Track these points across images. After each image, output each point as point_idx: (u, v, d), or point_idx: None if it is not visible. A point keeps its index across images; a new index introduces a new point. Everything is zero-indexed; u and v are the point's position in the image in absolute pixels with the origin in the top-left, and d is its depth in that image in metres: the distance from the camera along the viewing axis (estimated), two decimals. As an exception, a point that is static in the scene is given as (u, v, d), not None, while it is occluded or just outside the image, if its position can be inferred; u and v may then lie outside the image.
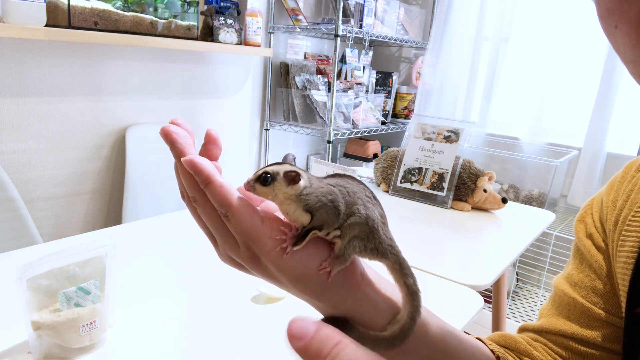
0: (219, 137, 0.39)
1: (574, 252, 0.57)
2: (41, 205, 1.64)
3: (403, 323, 0.39)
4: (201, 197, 0.35)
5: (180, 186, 0.38)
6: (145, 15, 1.69)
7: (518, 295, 2.35)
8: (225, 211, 0.34)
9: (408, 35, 2.69)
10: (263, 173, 0.35)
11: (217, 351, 0.66)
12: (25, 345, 0.62)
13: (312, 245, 0.37)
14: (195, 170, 0.34)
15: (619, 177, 0.53)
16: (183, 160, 0.34)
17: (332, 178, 0.39)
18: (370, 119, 2.53)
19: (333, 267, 0.37)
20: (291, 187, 0.36)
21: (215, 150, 0.39)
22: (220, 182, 0.34)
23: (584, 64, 2.20)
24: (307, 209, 0.36)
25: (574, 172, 2.26)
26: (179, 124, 0.37)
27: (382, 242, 0.39)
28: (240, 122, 2.35)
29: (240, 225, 0.34)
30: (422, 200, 1.44)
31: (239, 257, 0.37)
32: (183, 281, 0.85)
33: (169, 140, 0.35)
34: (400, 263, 0.40)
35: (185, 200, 0.38)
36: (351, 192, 0.38)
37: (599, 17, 0.28)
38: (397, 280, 0.40)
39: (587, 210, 0.56)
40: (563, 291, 0.54)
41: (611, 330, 0.50)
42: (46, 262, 0.59)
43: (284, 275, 0.36)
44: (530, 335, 0.56)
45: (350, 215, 0.37)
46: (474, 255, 1.11)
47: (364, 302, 0.39)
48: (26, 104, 1.53)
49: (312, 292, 0.37)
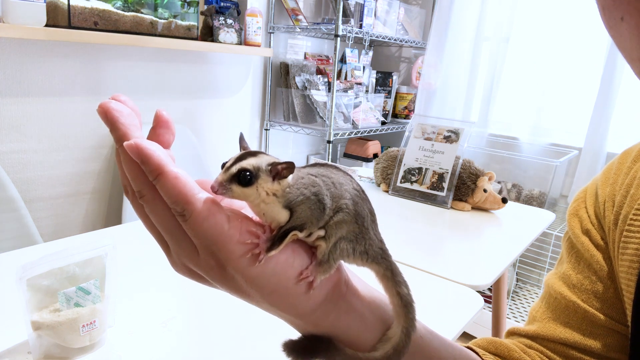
0: (171, 119, 0.32)
1: (568, 248, 0.52)
2: (41, 205, 1.64)
3: (397, 340, 0.34)
4: (150, 192, 0.28)
5: (123, 178, 0.30)
6: (145, 15, 1.69)
7: (518, 295, 2.35)
8: (181, 209, 0.27)
9: (408, 35, 2.68)
10: (241, 170, 0.28)
11: (217, 351, 0.66)
12: (25, 345, 0.61)
13: (289, 250, 0.30)
14: (143, 157, 0.27)
15: (614, 167, 0.49)
16: (126, 146, 0.27)
17: (312, 167, 0.33)
18: (370, 119, 2.53)
19: (315, 276, 0.31)
20: (278, 182, 0.29)
21: (167, 135, 0.31)
22: (175, 172, 0.27)
23: (584, 64, 2.20)
24: (287, 204, 0.29)
25: (574, 172, 2.26)
26: (122, 100, 0.30)
27: (373, 244, 0.33)
28: (240, 122, 2.35)
29: (201, 227, 0.27)
30: (422, 200, 1.44)
31: (197, 266, 0.30)
32: (183, 281, 0.85)
33: (109, 120, 0.28)
34: (392, 270, 0.34)
35: (128, 195, 0.31)
36: (337, 183, 0.32)
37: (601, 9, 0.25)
38: (388, 290, 0.35)
39: (580, 204, 0.52)
40: (560, 293, 0.49)
41: (615, 338, 0.45)
42: (46, 262, 0.59)
43: (254, 288, 0.30)
44: (523, 341, 0.51)
45: (337, 212, 0.31)
46: (474, 255, 1.11)
47: (349, 315, 0.34)
48: (26, 104, 1.53)
49: (289, 308, 0.32)
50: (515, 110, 2.43)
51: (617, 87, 2.08)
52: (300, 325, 0.34)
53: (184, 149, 1.94)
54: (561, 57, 2.24)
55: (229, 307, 0.77)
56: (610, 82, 2.09)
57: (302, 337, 0.34)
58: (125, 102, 0.30)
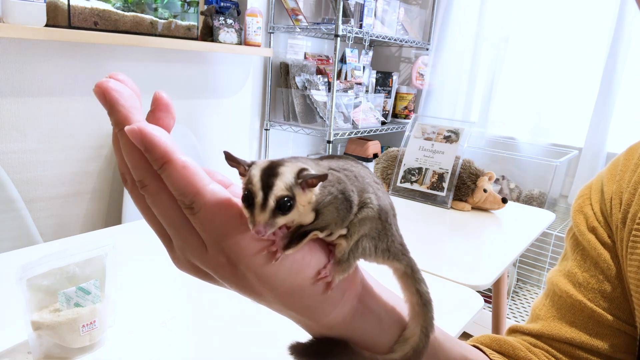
0: (170, 101, 0.28)
1: (573, 245, 0.50)
2: (41, 205, 1.64)
3: (416, 341, 0.32)
4: (153, 182, 0.26)
5: (122, 166, 0.27)
6: (145, 15, 1.69)
7: (518, 295, 2.35)
8: (189, 201, 0.25)
9: (408, 35, 2.68)
10: (279, 200, 0.24)
11: (217, 351, 0.66)
12: (25, 345, 0.61)
13: (306, 248, 0.28)
14: (147, 144, 0.24)
15: (621, 164, 0.48)
16: (128, 130, 0.24)
17: (330, 160, 0.30)
18: (370, 119, 2.53)
19: (334, 276, 0.28)
20: (309, 191, 0.26)
21: (167, 119, 0.28)
22: (183, 161, 0.25)
23: (585, 64, 2.20)
24: (315, 207, 0.26)
25: (574, 172, 2.26)
26: (121, 79, 0.27)
27: (395, 240, 0.31)
28: (240, 122, 2.35)
29: (212, 221, 0.25)
30: (422, 200, 1.44)
31: (204, 263, 0.27)
32: (183, 281, 0.85)
33: (107, 102, 0.26)
34: (412, 267, 0.33)
35: (127, 185, 0.28)
36: (359, 176, 0.29)
37: None
38: (407, 287, 0.33)
39: (585, 200, 0.50)
40: (566, 292, 0.48)
41: (622, 339, 0.44)
42: (46, 262, 0.59)
43: (268, 288, 0.27)
44: (527, 339, 0.49)
45: (361, 208, 0.28)
46: (474, 255, 1.11)
47: (366, 317, 0.32)
48: (26, 104, 1.53)
49: (304, 309, 0.29)
50: (515, 110, 2.43)
51: (617, 87, 2.08)
52: (313, 328, 0.31)
53: (184, 149, 1.91)
54: (561, 56, 2.24)
55: (229, 307, 0.77)
56: (610, 82, 2.09)
57: (314, 340, 0.32)
58: (124, 81, 0.27)
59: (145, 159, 0.25)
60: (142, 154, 0.25)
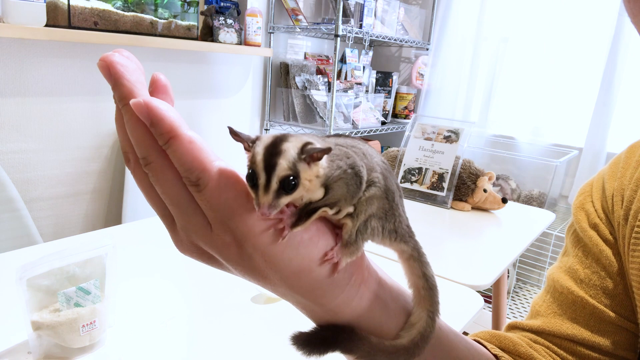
0: (169, 83, 0.28)
1: (574, 241, 0.50)
2: (41, 205, 1.64)
3: (423, 325, 0.32)
4: (158, 158, 0.25)
5: (125, 144, 0.27)
6: (145, 15, 1.69)
7: (518, 295, 2.35)
8: (195, 178, 0.24)
9: (408, 35, 2.68)
10: (282, 180, 0.24)
11: (217, 351, 0.66)
12: (25, 345, 0.61)
13: (314, 228, 0.27)
14: (153, 118, 0.23)
15: (622, 161, 0.48)
16: (134, 104, 0.24)
17: (336, 138, 0.29)
18: (370, 119, 2.53)
19: (341, 258, 0.28)
20: (315, 165, 0.25)
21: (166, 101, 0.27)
22: (189, 136, 0.24)
23: (585, 63, 2.20)
24: (324, 182, 0.26)
25: (574, 172, 2.26)
26: (126, 55, 0.27)
27: (402, 221, 0.31)
28: (240, 122, 2.35)
29: (218, 199, 0.24)
30: (422, 200, 1.44)
31: (209, 243, 0.26)
32: (183, 281, 0.85)
33: (112, 76, 0.25)
34: (418, 250, 0.32)
35: (129, 164, 0.27)
36: (367, 154, 0.28)
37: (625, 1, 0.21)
38: (413, 271, 0.32)
39: (586, 197, 0.50)
40: (567, 288, 0.47)
41: (624, 336, 0.44)
42: (46, 262, 0.59)
43: (274, 269, 0.26)
44: (527, 335, 0.49)
45: (369, 186, 0.27)
46: (474, 255, 1.11)
47: (372, 303, 0.31)
48: (26, 104, 1.53)
49: (310, 292, 0.28)
50: (515, 110, 2.43)
51: (617, 87, 2.08)
52: (319, 313, 0.30)
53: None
54: (562, 56, 2.24)
55: (229, 306, 0.77)
56: (610, 82, 2.09)
57: (318, 328, 0.31)
58: (129, 57, 0.26)
59: (150, 135, 0.24)
60: (147, 130, 0.24)
